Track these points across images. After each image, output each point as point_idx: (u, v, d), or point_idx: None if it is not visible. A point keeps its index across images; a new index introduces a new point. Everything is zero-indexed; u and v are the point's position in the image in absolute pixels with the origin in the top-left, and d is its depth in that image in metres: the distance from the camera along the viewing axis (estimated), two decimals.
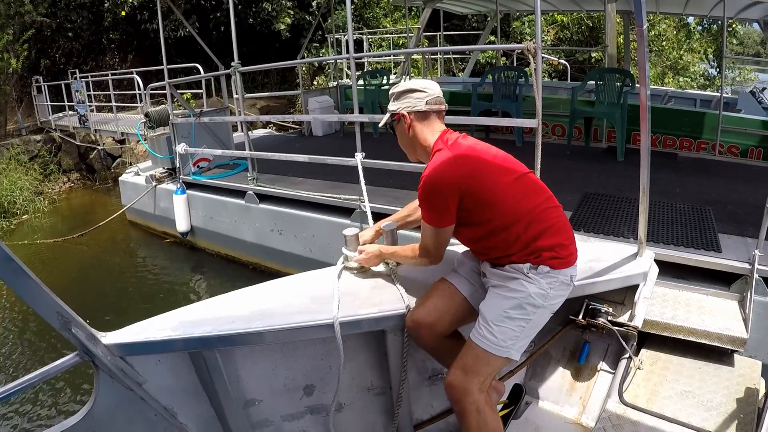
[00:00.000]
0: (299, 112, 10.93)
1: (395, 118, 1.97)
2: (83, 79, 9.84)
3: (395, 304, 2.01)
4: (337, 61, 10.34)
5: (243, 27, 11.80)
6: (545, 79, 11.74)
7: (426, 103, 1.92)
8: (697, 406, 2.14)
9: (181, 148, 5.86)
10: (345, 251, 2.24)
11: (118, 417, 1.80)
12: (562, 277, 1.79)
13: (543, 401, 2.48)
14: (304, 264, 4.74)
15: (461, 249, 2.17)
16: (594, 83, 5.93)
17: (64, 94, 10.72)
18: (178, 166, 6.02)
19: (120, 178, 7.40)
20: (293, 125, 10.18)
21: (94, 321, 1.77)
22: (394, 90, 1.99)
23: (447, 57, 12.71)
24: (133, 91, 9.40)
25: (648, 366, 2.40)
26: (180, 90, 8.85)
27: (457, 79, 10.63)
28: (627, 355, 2.38)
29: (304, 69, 12.42)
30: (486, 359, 1.76)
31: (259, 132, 9.28)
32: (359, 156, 4.22)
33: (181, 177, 5.99)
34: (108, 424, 1.77)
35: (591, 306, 2.36)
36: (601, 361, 2.49)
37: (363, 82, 7.82)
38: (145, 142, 6.88)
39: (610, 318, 2.34)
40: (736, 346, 2.40)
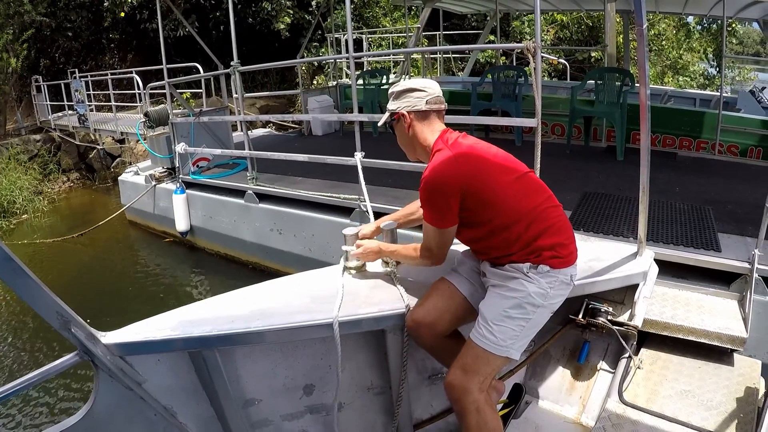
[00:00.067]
0: (299, 111, 10.93)
1: (395, 117, 1.95)
2: (83, 79, 9.84)
3: (395, 303, 2.01)
4: (337, 61, 10.34)
5: (242, 26, 11.80)
6: (545, 79, 11.74)
7: (426, 103, 1.90)
8: (697, 405, 2.14)
9: (181, 147, 5.85)
10: (345, 248, 2.24)
11: (117, 416, 1.80)
12: (562, 277, 1.79)
13: (543, 400, 2.48)
14: (303, 263, 4.74)
15: (461, 248, 2.17)
16: (593, 82, 5.93)
17: (63, 93, 10.72)
18: (177, 165, 6.02)
19: (119, 177, 7.39)
20: (293, 125, 10.18)
21: (93, 321, 1.76)
22: (393, 89, 1.97)
23: (446, 56, 12.72)
24: (133, 91, 9.41)
25: (648, 365, 2.40)
26: (179, 89, 8.85)
27: (457, 79, 10.63)
28: (627, 355, 2.38)
29: (303, 68, 12.41)
30: (486, 359, 1.76)
31: (259, 131, 9.27)
32: (359, 155, 4.21)
33: (181, 176, 5.99)
34: (108, 423, 1.77)
35: (591, 305, 2.36)
36: (601, 361, 2.49)
37: (362, 81, 7.81)
38: (145, 141, 6.88)
39: (609, 317, 2.34)
40: (735, 345, 2.40)
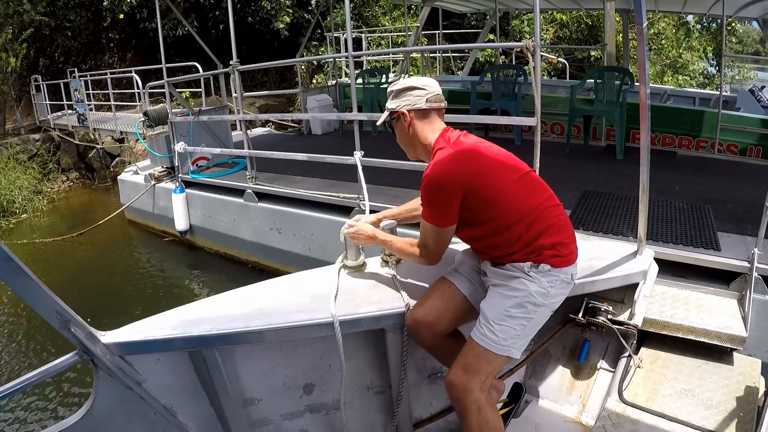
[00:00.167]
0: (298, 110, 10.92)
1: (395, 116, 1.94)
2: (82, 78, 9.82)
3: (395, 302, 2.01)
4: (336, 60, 10.33)
5: (242, 26, 11.79)
6: (544, 78, 11.73)
7: (426, 101, 1.89)
8: (697, 404, 2.14)
9: (180, 146, 5.85)
10: (342, 233, 2.20)
11: (117, 416, 1.80)
12: (563, 276, 1.79)
13: (543, 400, 2.48)
14: (303, 263, 4.74)
15: (461, 247, 2.17)
16: (593, 81, 5.93)
17: (62, 93, 10.71)
18: (177, 164, 6.01)
19: (119, 177, 7.39)
20: (292, 124, 10.17)
21: (93, 320, 1.76)
22: (392, 88, 1.95)
23: (446, 55, 12.71)
24: (132, 90, 9.40)
25: (648, 364, 2.40)
26: (179, 89, 8.85)
27: (456, 78, 10.63)
28: (627, 354, 2.38)
29: (303, 67, 12.40)
30: (487, 358, 1.76)
31: (258, 130, 9.27)
32: (358, 154, 4.21)
33: (180, 176, 5.99)
34: (107, 423, 1.77)
35: (591, 304, 2.36)
36: (601, 360, 2.49)
37: (362, 80, 7.81)
38: (144, 140, 6.88)
39: (609, 316, 2.34)
40: (735, 344, 2.40)
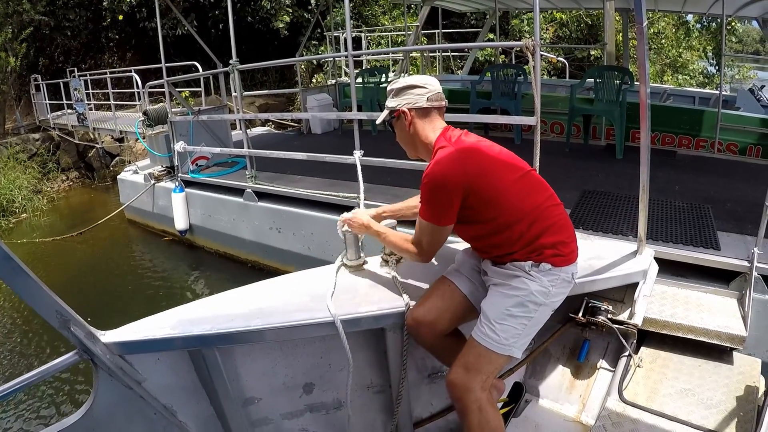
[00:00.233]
0: (298, 109, 10.91)
1: (395, 115, 1.92)
2: (82, 78, 9.81)
3: (395, 302, 2.00)
4: (336, 59, 10.32)
5: (241, 25, 11.78)
6: (544, 77, 11.72)
7: (427, 100, 1.88)
8: (697, 404, 2.14)
9: (180, 146, 5.84)
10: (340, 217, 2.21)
11: (117, 415, 1.80)
12: (563, 275, 1.79)
13: (543, 399, 2.48)
14: (302, 262, 4.74)
15: (461, 247, 2.16)
16: (593, 81, 5.92)
17: (62, 92, 10.70)
18: (176, 164, 6.01)
19: (118, 176, 7.39)
20: (292, 123, 10.17)
21: (92, 319, 1.76)
22: (392, 86, 1.94)
23: (446, 55, 12.71)
24: (132, 90, 9.39)
25: (648, 364, 2.40)
26: (178, 88, 8.84)
27: (456, 77, 10.63)
28: (627, 353, 2.38)
29: (302, 67, 12.39)
30: (488, 357, 1.76)
31: (258, 130, 9.26)
32: (358, 154, 4.21)
33: (180, 175, 5.99)
34: (107, 422, 1.77)
35: (591, 304, 2.36)
36: (601, 359, 2.49)
37: (362, 79, 7.80)
38: (144, 140, 6.87)
39: (609, 316, 2.34)
40: (735, 343, 2.40)
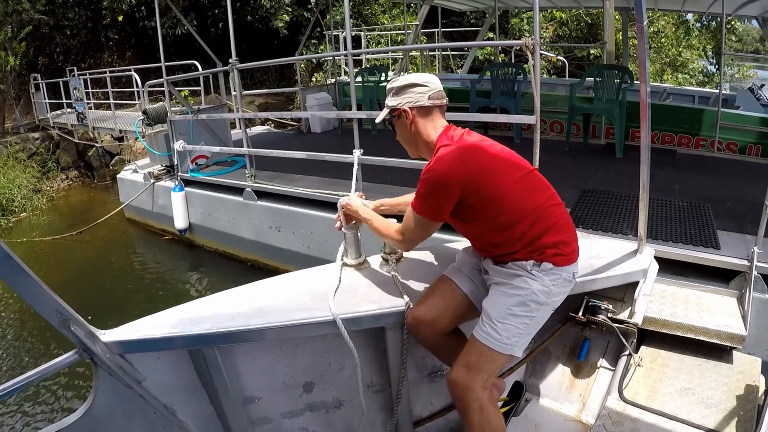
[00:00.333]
0: (297, 108, 10.90)
1: (395, 113, 1.90)
2: (81, 77, 9.80)
3: (395, 301, 2.00)
4: (336, 58, 10.32)
5: (241, 24, 11.77)
6: (544, 76, 11.71)
7: (429, 98, 1.86)
8: (697, 403, 2.13)
9: (179, 145, 5.84)
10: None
11: (117, 415, 1.80)
12: (564, 274, 1.79)
13: (543, 398, 2.48)
14: (302, 261, 4.74)
15: (462, 246, 2.16)
16: (592, 80, 5.92)
17: (62, 91, 10.68)
18: (176, 163, 6.01)
19: (118, 175, 7.38)
20: (291, 122, 10.17)
21: (92, 319, 1.76)
22: (393, 84, 1.91)
23: (445, 54, 12.70)
24: (132, 89, 9.37)
25: (648, 363, 2.40)
26: (178, 87, 8.82)
27: (456, 76, 10.61)
28: (627, 352, 2.38)
29: (302, 66, 12.39)
30: (490, 356, 1.76)
31: (258, 129, 9.26)
32: (357, 153, 4.21)
33: (179, 174, 5.98)
34: (107, 421, 1.77)
35: (591, 303, 2.36)
36: (601, 358, 2.49)
37: (361, 78, 7.80)
38: (144, 139, 6.87)
39: (610, 315, 2.34)
40: (734, 343, 2.40)
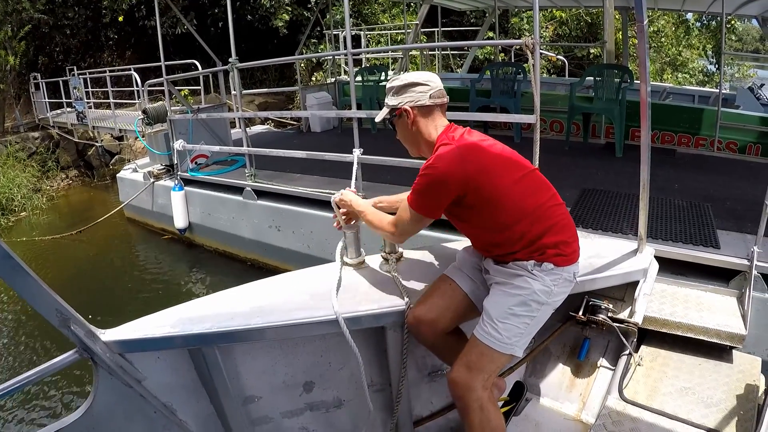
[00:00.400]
0: (297, 108, 10.90)
1: (396, 113, 1.89)
2: (81, 76, 9.80)
3: (395, 300, 2.00)
4: (335, 57, 10.31)
5: (241, 23, 11.76)
6: (543, 75, 11.70)
7: (430, 97, 1.85)
8: (697, 402, 2.13)
9: (179, 144, 5.84)
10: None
11: (117, 414, 1.80)
12: (565, 274, 1.79)
13: (543, 398, 2.48)
14: (302, 260, 4.74)
15: (462, 245, 2.16)
16: (592, 79, 5.92)
17: (62, 90, 10.68)
18: (175, 162, 6.01)
19: (118, 174, 7.38)
20: (291, 121, 10.16)
21: (92, 318, 1.76)
22: (393, 84, 1.90)
23: (445, 53, 12.69)
24: (131, 88, 9.37)
25: (648, 362, 2.40)
26: (178, 87, 8.81)
27: (456, 75, 10.61)
28: (627, 352, 2.38)
29: (302, 65, 12.38)
30: (490, 356, 1.76)
31: (258, 128, 9.26)
32: (357, 152, 4.21)
33: (179, 173, 5.98)
34: (107, 421, 1.76)
35: (591, 302, 2.35)
36: (601, 358, 2.49)
37: (361, 78, 7.80)
38: (143, 138, 6.87)
39: (610, 314, 2.33)
40: (734, 342, 2.40)
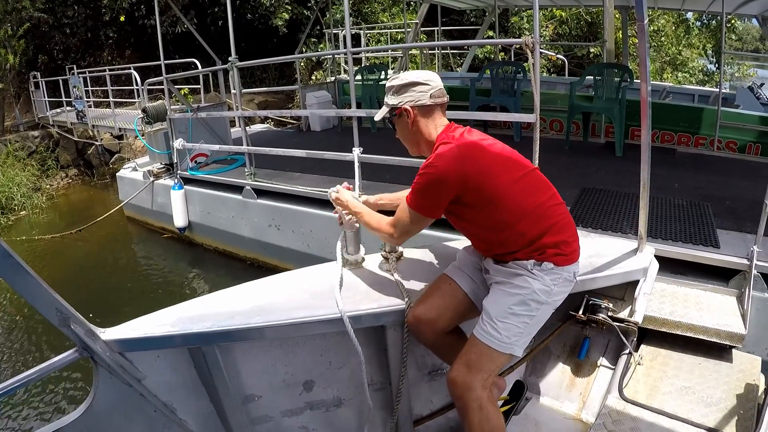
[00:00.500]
0: (297, 107, 10.90)
1: (396, 112, 1.88)
2: (81, 75, 9.80)
3: (395, 299, 2.01)
4: (335, 56, 10.30)
5: (241, 22, 11.76)
6: (543, 75, 11.71)
7: (430, 97, 1.84)
8: (697, 401, 2.13)
9: (179, 143, 5.84)
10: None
11: (117, 413, 1.80)
12: (565, 274, 1.79)
13: (543, 397, 2.48)
14: (302, 259, 4.74)
15: (462, 245, 2.16)
16: (592, 78, 5.92)
17: (61, 89, 10.67)
18: (175, 161, 6.00)
19: (117, 173, 7.37)
20: (291, 120, 10.16)
21: (92, 317, 1.76)
22: (393, 83, 1.89)
23: (445, 52, 12.69)
24: (131, 87, 9.38)
25: (648, 362, 2.40)
26: (178, 86, 8.82)
27: (455, 74, 10.61)
28: (627, 351, 2.37)
29: (302, 64, 12.38)
30: (490, 356, 1.76)
31: (257, 127, 9.25)
32: (357, 151, 4.21)
33: (179, 172, 5.98)
34: (107, 420, 1.77)
35: (591, 301, 2.35)
36: (601, 357, 2.49)
37: (361, 77, 7.80)
38: (143, 137, 6.86)
39: (610, 314, 2.33)
40: (734, 342, 2.39)
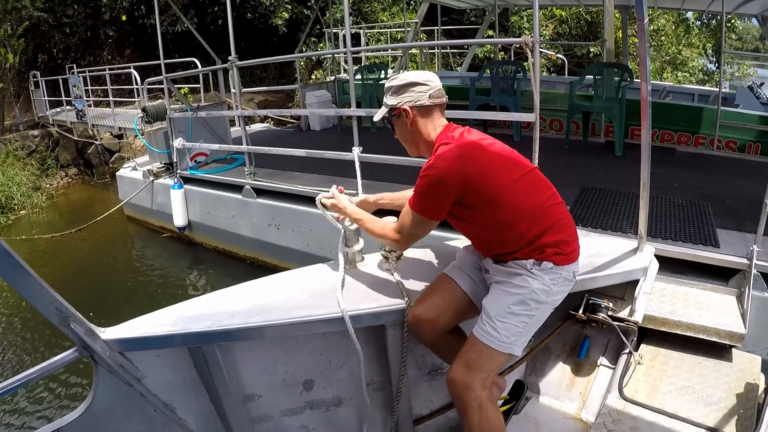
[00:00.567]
0: (297, 106, 10.89)
1: (395, 113, 1.88)
2: (81, 74, 9.80)
3: (395, 299, 2.00)
4: (335, 56, 10.31)
5: (241, 22, 11.76)
6: (543, 74, 11.71)
7: (429, 97, 1.84)
8: (697, 401, 2.13)
9: (179, 142, 5.83)
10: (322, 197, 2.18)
11: (117, 412, 1.80)
12: (565, 274, 1.79)
13: (543, 396, 2.48)
14: (302, 259, 4.74)
15: (462, 244, 2.16)
16: (592, 78, 5.92)
17: (61, 89, 10.66)
18: (175, 160, 6.00)
19: (117, 173, 7.37)
20: (291, 120, 10.16)
21: (92, 316, 1.76)
22: (392, 83, 1.89)
23: (445, 51, 12.69)
24: (131, 86, 9.37)
25: (648, 361, 2.40)
26: (177, 85, 8.82)
27: (455, 74, 10.61)
28: (627, 350, 2.38)
29: (301, 63, 12.38)
30: (489, 355, 1.76)
31: (257, 126, 9.25)
32: (356, 150, 4.21)
33: (179, 172, 5.97)
34: (107, 419, 1.77)
35: (591, 301, 2.35)
36: (601, 356, 2.49)
37: (361, 76, 7.80)
38: (143, 136, 6.86)
39: (610, 313, 2.33)
40: (734, 341, 2.40)
